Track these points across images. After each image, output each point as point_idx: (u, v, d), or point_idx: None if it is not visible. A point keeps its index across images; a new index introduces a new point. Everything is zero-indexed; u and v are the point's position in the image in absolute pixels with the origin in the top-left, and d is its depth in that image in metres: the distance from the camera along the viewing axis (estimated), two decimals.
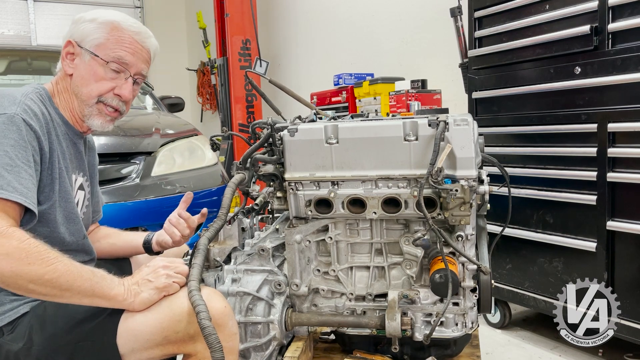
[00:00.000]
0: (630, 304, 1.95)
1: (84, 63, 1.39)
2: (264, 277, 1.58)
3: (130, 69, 1.42)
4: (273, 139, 1.59)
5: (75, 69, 1.40)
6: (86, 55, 1.39)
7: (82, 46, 1.39)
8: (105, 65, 1.39)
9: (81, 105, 1.41)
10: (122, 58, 1.40)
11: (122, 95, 1.43)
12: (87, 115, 1.42)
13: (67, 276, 1.12)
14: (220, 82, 5.31)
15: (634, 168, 1.93)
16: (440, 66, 3.62)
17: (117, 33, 1.40)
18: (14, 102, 1.23)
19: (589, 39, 2.02)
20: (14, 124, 1.20)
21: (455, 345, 1.64)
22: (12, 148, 1.17)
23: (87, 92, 1.39)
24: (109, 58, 1.39)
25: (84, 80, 1.39)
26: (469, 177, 1.42)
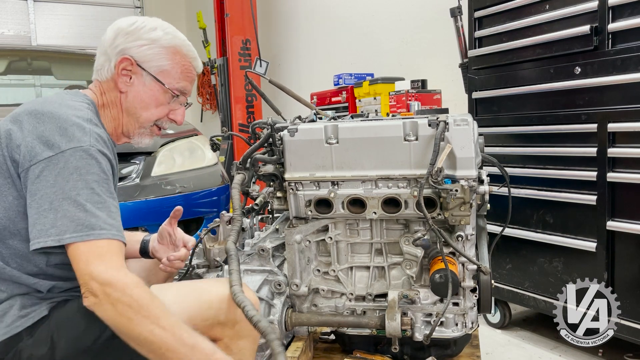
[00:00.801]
0: (630, 304, 1.95)
1: (143, 85, 1.35)
2: (264, 277, 1.58)
3: (187, 95, 1.43)
4: (273, 139, 1.59)
5: (131, 88, 1.36)
6: (147, 79, 1.35)
7: (144, 68, 1.34)
8: (168, 92, 1.37)
9: (133, 124, 1.38)
10: (184, 88, 1.40)
11: (177, 121, 1.43)
12: (138, 134, 1.40)
13: (162, 345, 1.07)
14: (220, 82, 5.30)
15: (634, 168, 1.93)
16: (440, 66, 3.62)
17: (180, 60, 1.38)
18: (84, 131, 1.18)
19: (589, 39, 2.02)
20: (93, 158, 1.15)
21: (455, 345, 1.64)
22: (97, 184, 1.14)
23: (147, 116, 1.38)
24: (173, 88, 1.37)
25: (144, 103, 1.36)
26: (469, 177, 1.42)
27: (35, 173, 1.12)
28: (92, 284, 1.07)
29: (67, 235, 1.09)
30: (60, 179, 1.11)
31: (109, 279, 1.07)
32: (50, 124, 1.16)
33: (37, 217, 1.11)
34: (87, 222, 1.10)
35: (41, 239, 1.10)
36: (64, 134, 1.15)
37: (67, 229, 1.09)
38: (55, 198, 1.10)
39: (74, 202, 1.10)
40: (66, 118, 1.18)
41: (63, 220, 1.09)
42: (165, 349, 1.07)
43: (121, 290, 1.07)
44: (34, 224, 1.11)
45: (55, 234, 1.09)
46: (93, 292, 1.07)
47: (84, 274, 1.09)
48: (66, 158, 1.12)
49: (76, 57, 4.35)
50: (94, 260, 1.09)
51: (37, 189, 1.12)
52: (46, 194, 1.11)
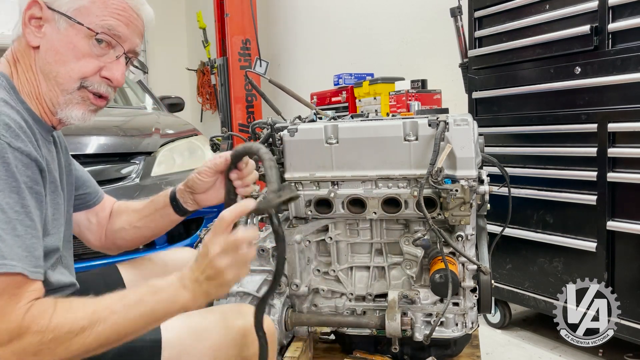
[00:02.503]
0: (630, 304, 1.95)
1: (57, 32, 1.01)
2: (264, 277, 1.58)
3: (124, 44, 1.06)
4: (273, 139, 1.59)
5: (44, 40, 1.02)
6: (61, 22, 1.01)
7: (55, 9, 1.01)
8: (91, 37, 1.02)
9: (54, 90, 1.03)
10: (113, 29, 1.03)
11: (112, 79, 1.06)
12: (63, 105, 1.04)
13: (114, 330, 0.88)
14: (220, 82, 5.31)
15: (634, 168, 1.93)
16: (440, 66, 3.62)
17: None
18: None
19: (589, 39, 2.02)
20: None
21: (455, 346, 1.64)
22: (2, 194, 0.83)
23: (66, 73, 1.01)
24: (97, 27, 1.02)
25: (60, 56, 1.01)
26: (469, 177, 1.42)
27: None
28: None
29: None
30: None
31: (10, 332, 0.80)
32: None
33: None
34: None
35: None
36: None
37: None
38: None
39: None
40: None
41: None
42: (121, 329, 0.89)
43: (30, 334, 0.82)
44: None
45: None
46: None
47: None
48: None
49: None
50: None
51: None
52: None
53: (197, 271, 0.93)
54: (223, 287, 0.95)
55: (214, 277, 0.92)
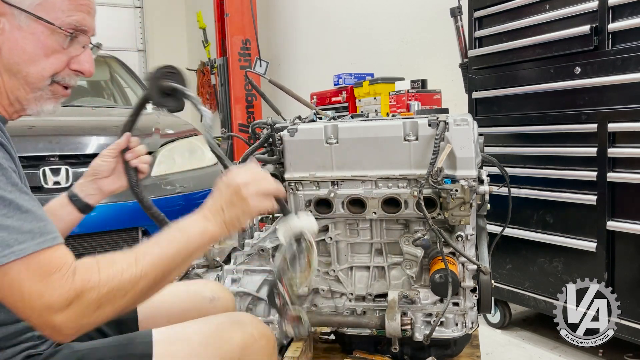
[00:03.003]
0: (630, 304, 1.95)
1: (19, 29, 0.95)
2: (263, 277, 1.58)
3: (89, 33, 1.03)
4: (273, 139, 1.59)
5: (3, 37, 0.95)
6: (22, 18, 0.95)
7: (14, 4, 0.94)
8: (57, 32, 0.97)
9: (22, 88, 0.99)
10: (80, 23, 1.00)
11: (83, 71, 1.04)
12: (33, 100, 1.01)
13: (159, 271, 0.91)
14: (220, 82, 5.31)
15: (634, 168, 1.93)
16: (440, 66, 3.62)
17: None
18: None
19: (589, 39, 2.02)
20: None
21: (455, 346, 1.64)
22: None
23: (38, 72, 0.98)
24: (64, 24, 0.97)
25: (28, 55, 0.96)
26: (469, 177, 1.42)
27: None
28: (52, 317, 0.81)
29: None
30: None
31: (68, 295, 0.81)
32: None
33: None
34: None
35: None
36: None
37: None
38: None
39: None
40: None
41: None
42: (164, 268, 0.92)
43: (87, 291, 0.83)
44: None
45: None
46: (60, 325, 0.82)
47: (31, 311, 0.81)
48: None
49: None
50: (38, 286, 0.80)
51: None
52: None
53: (221, 200, 1.00)
54: (246, 215, 1.01)
55: (238, 204, 0.99)
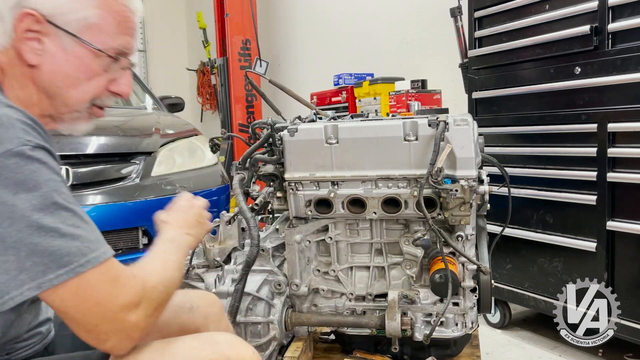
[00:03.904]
0: (630, 304, 1.95)
1: (64, 53, 0.92)
2: (264, 277, 1.58)
3: (130, 56, 1.01)
4: (273, 139, 1.59)
5: (45, 58, 0.91)
6: (68, 41, 0.91)
7: (60, 25, 0.90)
8: (101, 56, 0.94)
9: (60, 109, 0.96)
10: (124, 47, 0.97)
11: (122, 94, 1.02)
12: (69, 120, 0.99)
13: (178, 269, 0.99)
14: (220, 82, 5.30)
15: (634, 168, 1.93)
16: (440, 66, 3.62)
17: (113, 5, 0.95)
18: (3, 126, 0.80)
19: (589, 39, 2.02)
20: (34, 160, 0.80)
21: (455, 346, 1.64)
22: (57, 193, 0.81)
23: (79, 96, 0.96)
24: (110, 49, 0.94)
25: (71, 79, 0.94)
26: (469, 177, 1.42)
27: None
28: (129, 316, 0.83)
29: (49, 276, 0.77)
30: (1, 206, 0.76)
31: (138, 293, 0.85)
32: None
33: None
34: (71, 249, 0.79)
35: (14, 292, 0.77)
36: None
37: (47, 267, 0.77)
38: (6, 233, 0.76)
39: (38, 230, 0.77)
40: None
41: (33, 258, 0.77)
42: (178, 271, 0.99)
43: (150, 290, 0.87)
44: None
45: (29, 279, 0.77)
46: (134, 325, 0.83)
47: (107, 313, 0.81)
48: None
49: None
50: (113, 290, 0.82)
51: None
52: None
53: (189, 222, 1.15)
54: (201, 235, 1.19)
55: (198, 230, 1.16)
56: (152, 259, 0.97)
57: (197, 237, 1.15)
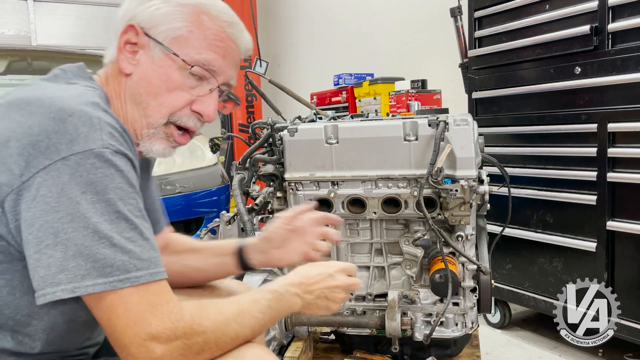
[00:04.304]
0: (630, 304, 1.95)
1: (151, 61, 0.95)
2: (264, 277, 1.58)
3: (219, 77, 0.99)
4: (273, 139, 1.59)
5: (137, 68, 0.96)
6: (157, 50, 0.95)
7: (152, 36, 0.95)
8: (185, 69, 0.95)
9: (140, 121, 0.96)
10: (209, 63, 0.97)
11: (203, 114, 0.99)
12: (146, 137, 0.97)
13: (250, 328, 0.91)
14: None
15: (634, 168, 1.93)
16: (440, 66, 3.62)
17: (207, 23, 0.97)
18: (91, 122, 0.80)
19: (589, 39, 2.02)
20: (111, 164, 0.80)
21: (455, 345, 1.64)
22: (123, 203, 0.80)
23: (156, 106, 0.96)
24: (193, 60, 0.95)
25: (152, 87, 0.95)
26: (469, 177, 1.42)
27: (31, 194, 0.77)
28: (155, 347, 0.79)
29: (87, 282, 0.76)
30: (66, 200, 0.76)
31: (176, 331, 0.80)
32: (40, 115, 0.80)
33: (38, 257, 0.77)
34: (116, 261, 0.77)
35: (48, 289, 0.76)
36: (63, 130, 0.78)
37: (87, 272, 0.76)
38: (62, 228, 0.76)
39: (93, 233, 0.77)
40: (62, 105, 0.81)
41: (78, 260, 0.76)
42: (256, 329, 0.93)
43: (196, 334, 0.82)
44: (35, 267, 0.77)
45: (66, 280, 0.76)
46: (159, 358, 0.80)
47: (134, 337, 0.78)
48: (71, 168, 0.77)
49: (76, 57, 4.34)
50: (148, 315, 0.79)
51: (34, 217, 0.76)
52: (47, 222, 0.76)
53: (313, 288, 1.04)
54: (320, 310, 1.06)
55: (318, 301, 1.05)
56: (229, 302, 0.92)
57: (308, 307, 1.04)
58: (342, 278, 1.08)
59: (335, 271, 1.08)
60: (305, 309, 1.04)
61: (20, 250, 0.80)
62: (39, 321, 0.86)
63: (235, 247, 1.25)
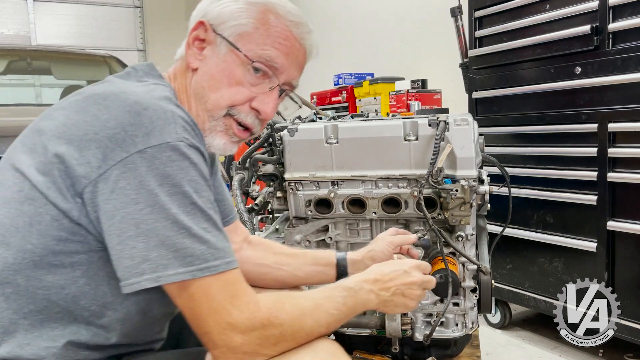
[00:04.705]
0: (630, 304, 1.94)
1: (217, 56, 0.98)
2: None
3: (280, 75, 1.01)
4: (273, 139, 1.59)
5: (203, 63, 0.99)
6: (222, 46, 0.97)
7: (219, 32, 0.97)
8: (247, 65, 0.97)
9: (202, 114, 0.99)
10: (271, 59, 0.98)
11: (261, 111, 1.00)
12: (208, 131, 0.99)
13: (324, 325, 0.92)
14: None
15: (634, 168, 1.93)
16: (440, 66, 3.62)
17: (272, 21, 0.98)
18: (165, 116, 0.83)
19: (589, 38, 2.02)
20: (185, 157, 0.82)
21: (456, 346, 1.63)
22: (197, 195, 0.82)
23: (216, 99, 0.98)
24: (255, 56, 0.97)
25: (214, 81, 0.98)
26: (469, 177, 1.41)
27: (109, 186, 0.79)
28: (235, 336, 0.81)
29: (169, 272, 0.79)
30: (145, 192, 0.78)
31: (254, 322, 0.82)
32: (116, 109, 0.82)
33: (121, 248, 0.79)
34: (195, 251, 0.80)
35: (133, 278, 0.79)
36: (139, 122, 0.80)
37: (169, 262, 0.79)
38: (142, 219, 0.78)
39: (173, 224, 0.79)
40: (137, 99, 0.83)
41: (160, 250, 0.78)
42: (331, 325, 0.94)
43: (273, 325, 0.84)
44: (118, 257, 0.80)
45: (150, 270, 0.78)
46: (238, 347, 0.82)
47: (215, 326, 0.81)
48: (148, 161, 0.79)
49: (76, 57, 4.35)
50: (228, 305, 0.81)
51: (114, 209, 0.79)
52: (128, 214, 0.78)
53: (389, 285, 1.05)
54: (397, 308, 1.08)
55: (394, 298, 1.05)
56: (304, 297, 0.94)
57: (385, 304, 1.04)
58: (418, 275, 1.10)
59: (410, 267, 1.09)
60: (382, 306, 1.05)
61: (100, 240, 0.82)
62: (114, 312, 0.88)
63: (335, 259, 1.30)
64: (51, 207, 0.82)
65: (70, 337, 0.86)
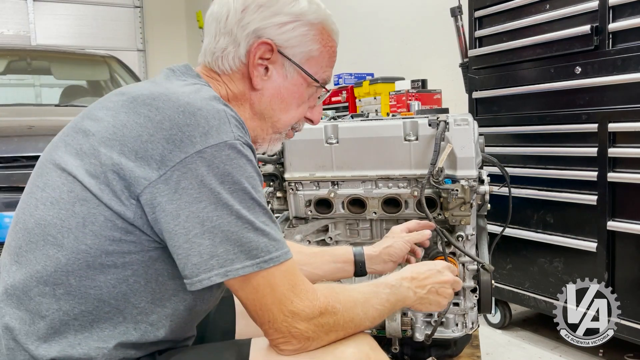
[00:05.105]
0: (631, 304, 1.94)
1: (284, 78, 1.01)
2: None
3: (327, 86, 1.08)
4: None
5: (268, 84, 1.00)
6: (290, 69, 1.00)
7: (288, 56, 0.99)
8: (311, 85, 1.03)
9: (267, 130, 1.04)
10: (329, 78, 1.07)
11: (314, 121, 1.10)
12: (268, 140, 1.06)
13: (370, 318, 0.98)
14: None
15: (635, 168, 1.93)
16: (440, 66, 3.62)
17: (327, 40, 1.04)
18: (219, 116, 0.84)
19: (589, 38, 2.02)
20: (242, 155, 0.84)
21: (456, 346, 1.63)
22: (255, 190, 0.85)
23: (287, 120, 1.04)
24: (320, 78, 1.04)
25: (285, 103, 1.02)
26: (470, 177, 1.42)
27: (170, 187, 0.80)
28: (297, 323, 0.85)
29: (237, 266, 0.81)
30: (207, 191, 0.80)
31: (314, 310, 0.86)
32: (168, 110, 0.83)
33: (188, 246, 0.81)
34: (259, 244, 0.83)
35: (203, 275, 0.81)
36: (195, 123, 0.82)
37: (236, 256, 0.81)
38: (207, 217, 0.81)
39: (236, 220, 0.82)
40: (189, 100, 0.84)
41: (226, 246, 0.81)
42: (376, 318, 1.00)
43: (329, 314, 0.88)
44: (186, 255, 0.81)
45: (218, 265, 0.81)
46: (300, 333, 0.86)
47: (278, 314, 0.84)
48: (208, 161, 0.81)
49: (76, 57, 4.35)
50: (290, 294, 0.85)
51: (178, 208, 0.80)
52: (192, 213, 0.80)
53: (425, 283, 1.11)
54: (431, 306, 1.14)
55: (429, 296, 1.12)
56: (356, 290, 0.98)
57: (420, 301, 1.10)
58: (450, 275, 1.16)
59: (442, 267, 1.16)
60: (418, 303, 1.10)
61: (156, 240, 0.85)
62: (162, 308, 0.90)
63: (353, 255, 1.34)
64: (104, 208, 0.82)
65: (120, 338, 0.87)
